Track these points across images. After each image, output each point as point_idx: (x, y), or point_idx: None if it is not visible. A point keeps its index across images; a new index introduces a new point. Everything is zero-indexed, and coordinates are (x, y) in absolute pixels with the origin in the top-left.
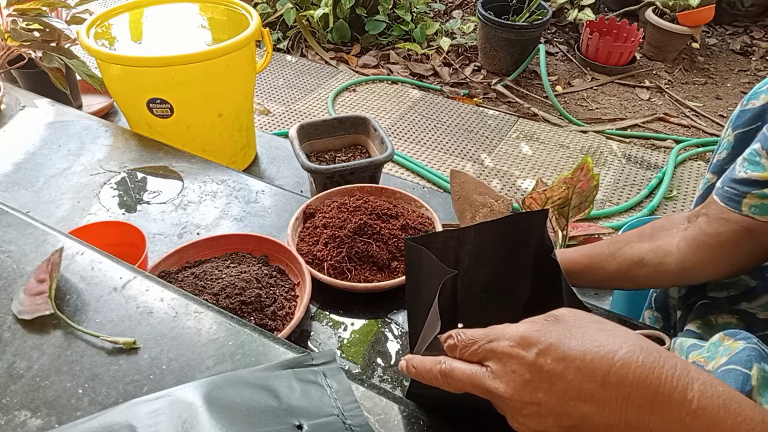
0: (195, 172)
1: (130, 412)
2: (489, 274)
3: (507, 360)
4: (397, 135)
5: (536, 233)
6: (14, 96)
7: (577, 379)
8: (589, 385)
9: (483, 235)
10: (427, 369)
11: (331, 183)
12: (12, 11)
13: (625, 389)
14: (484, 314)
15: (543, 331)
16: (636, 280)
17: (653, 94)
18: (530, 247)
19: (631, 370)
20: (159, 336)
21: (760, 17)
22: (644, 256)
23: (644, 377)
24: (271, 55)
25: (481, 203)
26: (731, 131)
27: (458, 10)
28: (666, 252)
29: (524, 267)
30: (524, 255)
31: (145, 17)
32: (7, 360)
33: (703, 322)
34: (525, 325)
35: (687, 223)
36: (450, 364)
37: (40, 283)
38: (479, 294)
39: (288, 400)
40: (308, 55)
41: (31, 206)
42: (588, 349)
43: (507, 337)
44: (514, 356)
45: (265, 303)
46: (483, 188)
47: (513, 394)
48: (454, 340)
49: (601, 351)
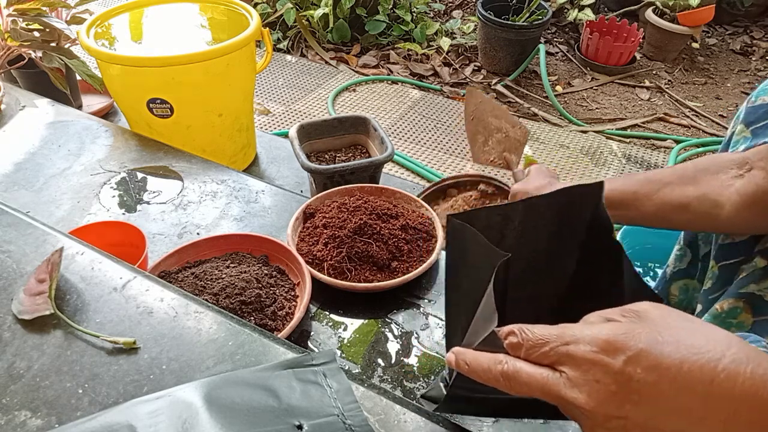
0: (195, 172)
1: (130, 412)
2: (531, 251)
3: (589, 367)
4: (397, 135)
5: (588, 207)
6: (14, 96)
7: (673, 391)
8: (686, 399)
9: (532, 210)
10: (485, 368)
11: (331, 183)
12: (12, 11)
13: (731, 405)
14: (522, 293)
15: (631, 334)
16: (675, 223)
17: (653, 94)
18: (581, 222)
19: (738, 383)
20: (159, 336)
21: (760, 17)
22: (689, 202)
23: (754, 392)
24: (271, 55)
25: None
26: (744, 127)
27: (458, 10)
28: (714, 202)
29: (571, 242)
30: (573, 230)
31: (145, 17)
32: (7, 360)
33: (709, 314)
34: (609, 327)
35: (737, 170)
36: (514, 365)
37: (40, 283)
38: (518, 272)
39: (288, 400)
40: (308, 55)
41: (31, 206)
42: (685, 356)
43: (588, 341)
44: (598, 363)
45: (265, 303)
46: (500, 112)
47: (596, 406)
48: (517, 338)
49: (701, 359)
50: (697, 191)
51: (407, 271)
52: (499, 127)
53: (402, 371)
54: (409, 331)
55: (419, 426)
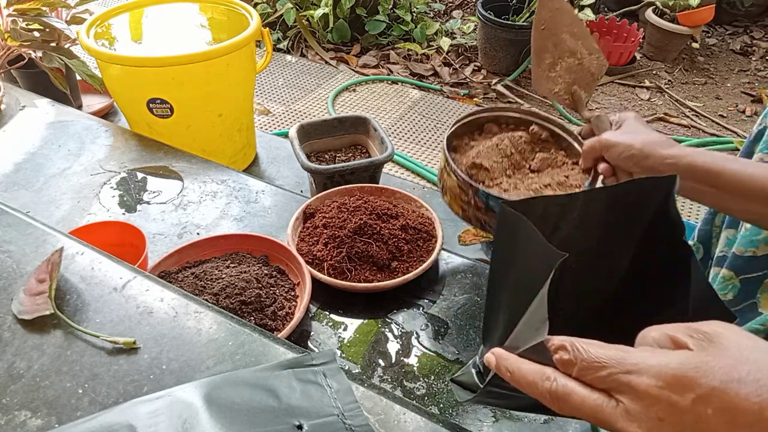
0: (195, 172)
1: (130, 412)
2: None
3: (652, 403)
4: (397, 135)
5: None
6: (14, 96)
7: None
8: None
9: (594, 203)
10: (529, 381)
11: (331, 183)
12: (12, 11)
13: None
14: (566, 291)
15: (703, 369)
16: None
17: (653, 94)
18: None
19: None
20: (159, 336)
21: (760, 17)
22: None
23: None
24: (271, 55)
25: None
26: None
27: (458, 10)
28: None
29: (628, 239)
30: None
31: (145, 17)
32: (7, 360)
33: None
34: (677, 358)
35: None
36: (565, 386)
37: (40, 283)
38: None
39: (288, 400)
40: (308, 55)
41: (31, 206)
42: (764, 400)
43: (653, 374)
44: (662, 401)
45: (265, 303)
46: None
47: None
48: (570, 356)
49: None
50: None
51: (407, 271)
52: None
53: (402, 371)
54: (409, 331)
55: (419, 426)
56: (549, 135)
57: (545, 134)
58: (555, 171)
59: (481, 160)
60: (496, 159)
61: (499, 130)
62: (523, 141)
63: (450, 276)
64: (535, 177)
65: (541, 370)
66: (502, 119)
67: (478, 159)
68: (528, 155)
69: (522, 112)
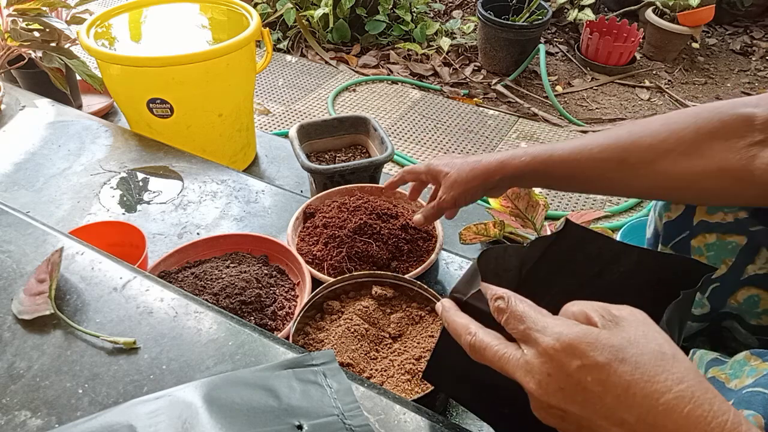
0: (195, 172)
1: (130, 412)
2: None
3: (546, 360)
4: (397, 135)
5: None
6: (14, 96)
7: (613, 404)
8: (623, 415)
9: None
10: (457, 333)
11: (331, 183)
12: (12, 11)
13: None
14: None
15: (595, 345)
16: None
17: (653, 94)
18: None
19: (672, 418)
20: (159, 336)
21: (760, 17)
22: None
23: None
24: (271, 55)
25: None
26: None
27: (458, 10)
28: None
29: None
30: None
31: (145, 17)
32: (7, 360)
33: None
34: (578, 330)
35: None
36: (482, 341)
37: (40, 283)
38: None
39: (288, 401)
40: (308, 55)
41: (31, 206)
42: (635, 380)
43: (555, 336)
44: (555, 360)
45: (265, 303)
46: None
47: (542, 395)
48: (504, 305)
49: (648, 388)
50: (709, 164)
51: (407, 271)
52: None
53: None
54: None
55: (419, 426)
56: (393, 290)
57: (390, 292)
58: (417, 328)
59: (341, 356)
60: (354, 346)
61: (341, 305)
62: (372, 309)
63: (450, 276)
64: (400, 345)
65: (466, 324)
66: (340, 290)
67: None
68: (383, 323)
69: (357, 276)
